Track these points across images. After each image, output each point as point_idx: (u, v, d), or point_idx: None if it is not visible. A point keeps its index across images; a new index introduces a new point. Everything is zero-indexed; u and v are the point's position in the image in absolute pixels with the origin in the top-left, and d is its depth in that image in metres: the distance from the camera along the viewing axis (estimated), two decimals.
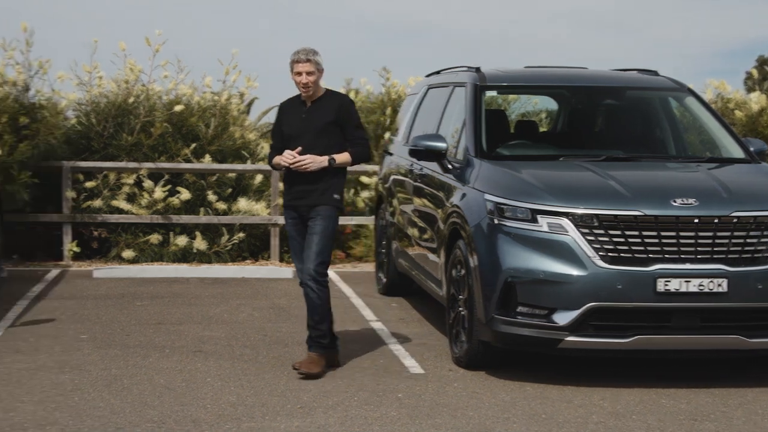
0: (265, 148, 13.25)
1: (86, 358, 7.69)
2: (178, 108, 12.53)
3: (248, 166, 12.76)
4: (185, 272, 11.74)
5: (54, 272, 11.51)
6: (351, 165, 7.56)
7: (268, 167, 12.70)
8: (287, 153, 7.42)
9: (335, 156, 7.43)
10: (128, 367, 7.51)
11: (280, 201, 12.63)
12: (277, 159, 7.55)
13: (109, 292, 10.44)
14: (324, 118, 7.48)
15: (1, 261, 10.90)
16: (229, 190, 12.70)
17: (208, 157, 12.61)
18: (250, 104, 14.72)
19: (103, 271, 11.58)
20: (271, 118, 18.59)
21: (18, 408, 6.47)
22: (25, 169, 11.85)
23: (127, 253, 12.10)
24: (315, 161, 7.40)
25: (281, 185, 12.68)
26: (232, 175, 12.77)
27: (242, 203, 12.50)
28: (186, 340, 8.42)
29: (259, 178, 12.83)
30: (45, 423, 6.18)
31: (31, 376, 7.22)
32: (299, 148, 7.40)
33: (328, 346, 7.61)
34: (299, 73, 7.44)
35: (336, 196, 7.49)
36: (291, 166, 7.41)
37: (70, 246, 12.18)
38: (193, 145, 12.61)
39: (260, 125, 16.63)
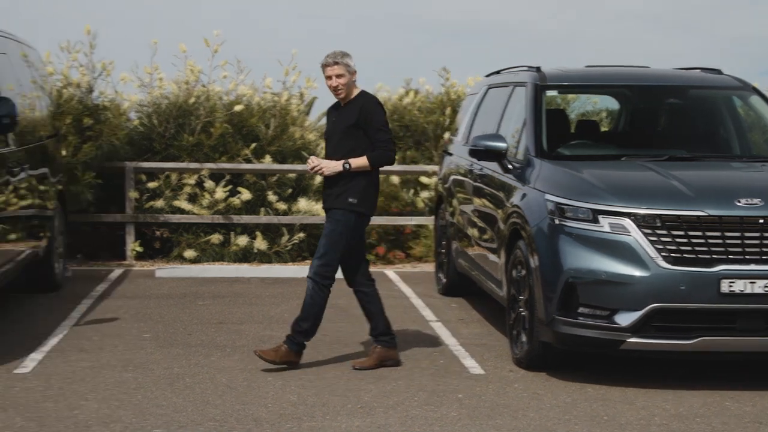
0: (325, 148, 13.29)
1: (149, 357, 7.77)
2: (238, 108, 12.61)
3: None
4: (246, 272, 11.82)
5: (117, 272, 11.64)
6: (372, 169, 7.49)
7: None
8: (309, 158, 7.57)
9: (351, 160, 7.43)
10: (190, 365, 7.57)
11: None
12: None
13: (171, 292, 10.54)
14: (347, 121, 7.50)
15: (66, 261, 11.03)
16: (290, 190, 12.76)
17: (268, 158, 12.68)
18: (310, 104, 14.75)
19: (165, 270, 11.68)
20: None
21: (82, 406, 6.55)
22: (89, 169, 12.00)
23: (189, 253, 12.20)
24: (329, 166, 7.45)
25: None
26: (292, 175, 12.83)
27: (302, 203, 12.56)
28: (247, 339, 8.48)
29: (318, 178, 12.86)
30: (109, 420, 6.25)
31: (95, 374, 7.30)
32: (313, 156, 7.61)
33: (387, 343, 7.64)
34: (329, 77, 7.49)
35: (351, 199, 7.46)
36: (310, 171, 7.55)
37: (132, 246, 12.30)
38: (253, 145, 12.68)
39: (320, 125, 16.66)
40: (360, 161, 7.45)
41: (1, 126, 7.99)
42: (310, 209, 12.54)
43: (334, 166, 7.46)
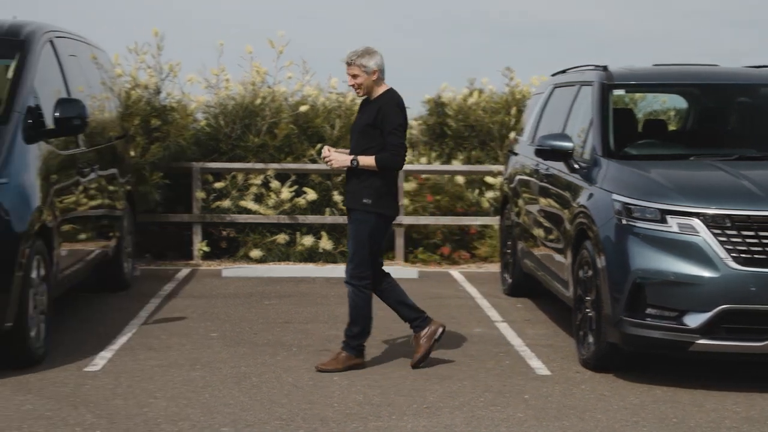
0: None
1: (216, 356, 7.83)
2: (303, 108, 12.68)
3: None
4: (311, 272, 11.87)
5: (184, 271, 11.75)
6: (379, 170, 7.41)
7: None
8: (324, 147, 7.61)
9: (360, 157, 7.42)
10: (257, 365, 7.62)
11: (405, 201, 12.68)
12: None
13: (237, 291, 10.61)
14: (365, 120, 7.49)
15: (134, 260, 11.16)
16: None
17: None
18: None
19: (231, 270, 11.77)
20: None
21: (151, 404, 6.62)
22: (157, 170, 12.13)
23: (255, 253, 12.28)
24: (338, 159, 7.47)
25: (405, 185, 12.78)
26: None
27: None
28: (313, 339, 8.51)
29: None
30: (177, 419, 6.32)
31: (164, 372, 7.38)
32: (327, 146, 7.62)
33: (421, 324, 7.65)
34: (348, 76, 7.52)
35: (366, 200, 7.44)
36: (321, 160, 7.52)
37: (199, 246, 12.41)
38: (319, 145, 12.73)
39: None
40: (368, 160, 7.40)
41: (71, 127, 8.10)
42: None
43: (344, 160, 7.46)
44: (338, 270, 11.90)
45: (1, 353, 7.35)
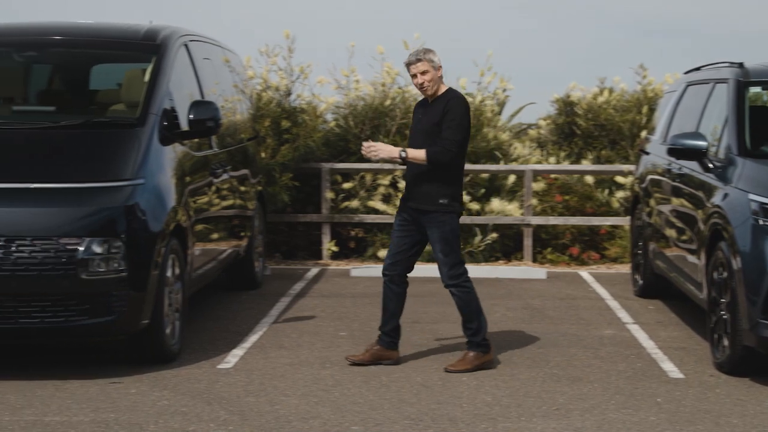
0: (518, 149, 13.24)
1: (345, 355, 7.88)
2: None
3: (501, 166, 12.78)
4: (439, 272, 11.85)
5: (314, 271, 11.88)
6: (429, 165, 7.31)
7: (521, 168, 12.71)
8: (364, 142, 7.54)
9: (408, 150, 7.35)
10: (386, 364, 7.65)
11: (534, 201, 12.59)
12: None
13: (366, 291, 10.68)
14: (431, 120, 7.41)
15: (265, 260, 11.33)
16: (482, 190, 12.76)
17: None
18: (502, 104, 14.71)
19: (360, 270, 11.85)
20: (523, 118, 18.56)
21: (282, 401, 6.71)
22: (287, 171, 12.28)
23: (383, 253, 12.33)
24: (384, 149, 7.40)
25: (534, 185, 12.69)
26: (485, 175, 12.82)
27: (495, 203, 12.53)
28: (441, 338, 8.51)
29: (512, 178, 12.83)
30: (308, 417, 6.39)
31: (294, 371, 7.47)
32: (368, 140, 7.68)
33: (388, 344, 7.62)
34: (414, 75, 7.43)
35: (442, 200, 7.38)
36: (363, 153, 7.48)
37: (328, 245, 12.53)
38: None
39: (512, 126, 16.61)
40: (418, 153, 7.32)
41: (205, 129, 8.26)
42: (504, 209, 12.49)
43: (390, 151, 7.40)
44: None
45: (138, 350, 7.54)
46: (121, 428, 6.13)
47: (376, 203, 12.51)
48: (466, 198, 12.50)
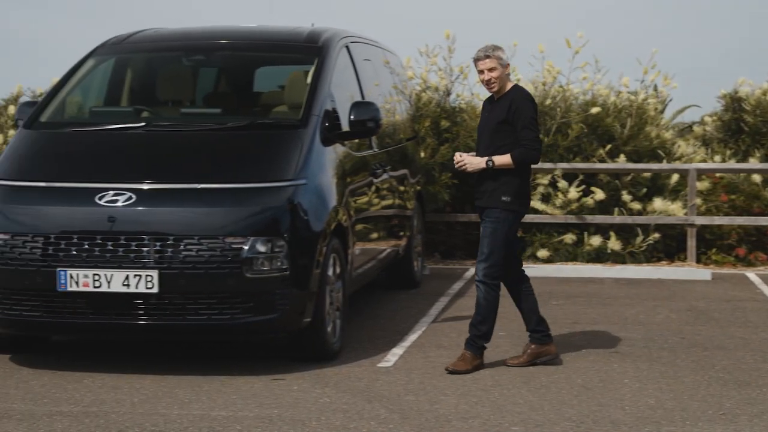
0: (681, 147, 12.97)
1: (504, 355, 7.85)
2: (594, 110, 12.52)
3: (664, 165, 12.53)
4: (599, 272, 11.72)
5: (472, 270, 11.84)
6: (516, 167, 7.24)
7: (684, 167, 12.44)
8: (455, 154, 7.51)
9: (495, 158, 7.25)
10: (546, 365, 7.60)
11: (698, 201, 12.30)
12: None
13: None
14: (498, 117, 7.31)
15: (424, 259, 11.37)
16: (644, 189, 12.53)
17: (622, 157, 12.50)
18: (664, 102, 14.43)
19: None
20: (686, 117, 18.17)
21: (442, 400, 6.72)
22: (446, 170, 12.31)
23: (542, 253, 12.24)
24: (472, 162, 7.33)
25: (698, 185, 12.39)
26: (647, 174, 12.59)
27: (657, 203, 12.29)
28: (602, 340, 8.40)
29: (675, 177, 12.57)
30: (467, 416, 6.39)
31: None
32: (459, 152, 7.56)
33: (539, 340, 7.55)
34: (481, 71, 7.34)
35: (505, 198, 7.27)
36: (455, 166, 7.48)
37: None
38: (609, 146, 12.55)
39: (675, 124, 16.27)
40: (504, 159, 7.24)
41: (365, 129, 8.34)
42: (666, 209, 12.25)
43: (478, 162, 7.33)
44: (627, 271, 11.72)
45: (300, 348, 7.67)
46: (285, 424, 6.24)
47: (535, 203, 12.41)
48: (626, 197, 12.29)
